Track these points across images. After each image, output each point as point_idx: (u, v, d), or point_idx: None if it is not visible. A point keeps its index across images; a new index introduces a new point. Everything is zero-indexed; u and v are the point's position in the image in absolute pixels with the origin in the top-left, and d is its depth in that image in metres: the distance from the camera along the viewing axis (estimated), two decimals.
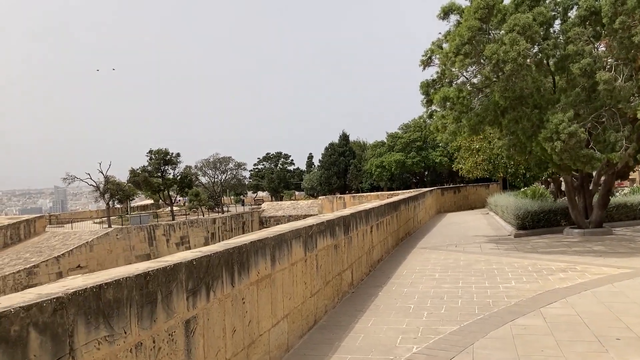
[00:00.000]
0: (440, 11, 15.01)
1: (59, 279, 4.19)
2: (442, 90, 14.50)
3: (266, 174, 76.38)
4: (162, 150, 48.34)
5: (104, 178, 42.19)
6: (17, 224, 39.43)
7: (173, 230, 44.57)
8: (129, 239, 39.92)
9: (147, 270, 3.64)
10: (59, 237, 38.78)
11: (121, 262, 38.89)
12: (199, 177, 58.22)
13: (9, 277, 31.97)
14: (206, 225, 49.04)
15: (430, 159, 62.75)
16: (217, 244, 5.20)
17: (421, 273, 11.51)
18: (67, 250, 35.34)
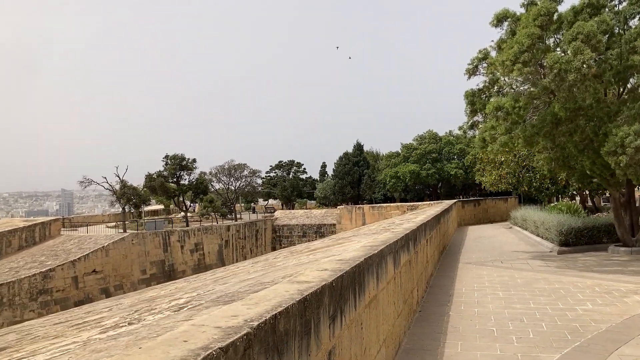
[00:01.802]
0: (493, 18, 14.47)
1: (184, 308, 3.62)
2: (495, 100, 13.92)
3: (279, 182, 75.80)
4: (178, 155, 47.87)
5: (120, 182, 41.75)
6: (32, 227, 38.97)
7: (188, 237, 44.01)
8: (144, 245, 39.39)
9: (303, 294, 3.07)
10: (75, 241, 38.29)
11: (136, 267, 38.39)
12: (213, 183, 57.74)
13: (24, 280, 31.46)
14: (220, 232, 48.48)
15: (445, 170, 62.14)
16: (333, 261, 4.63)
17: (482, 291, 10.89)
18: (83, 255, 34.83)
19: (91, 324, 3.85)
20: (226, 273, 7.76)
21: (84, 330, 3.53)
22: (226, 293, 3.49)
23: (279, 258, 8.17)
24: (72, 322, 5.29)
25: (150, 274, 39.30)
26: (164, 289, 8.11)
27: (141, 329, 2.57)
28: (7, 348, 3.81)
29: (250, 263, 9.40)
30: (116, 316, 3.89)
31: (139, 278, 38.28)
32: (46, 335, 4.40)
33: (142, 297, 7.32)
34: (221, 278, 6.91)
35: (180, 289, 6.89)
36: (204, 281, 7.19)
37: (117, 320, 3.57)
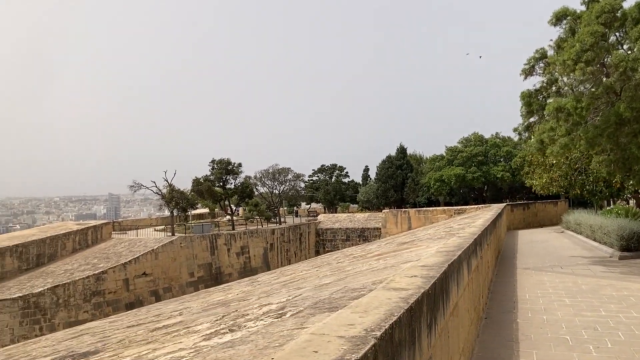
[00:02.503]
0: (552, 17, 14.04)
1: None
2: (555, 100, 13.49)
3: (321, 185, 75.84)
4: (224, 160, 48.47)
5: (169, 186, 42.53)
6: (85, 230, 40.10)
7: (234, 240, 44.46)
8: (192, 248, 39.98)
9: (408, 302, 2.96)
10: (125, 244, 39.18)
11: (184, 270, 38.99)
12: (258, 187, 58.21)
13: (78, 282, 32.35)
14: (265, 235, 48.81)
15: (492, 173, 60.97)
16: (417, 267, 4.50)
17: (546, 298, 10.53)
18: (134, 257, 35.58)
19: (179, 329, 3.83)
20: (292, 277, 7.71)
21: (175, 335, 3.50)
22: (321, 299, 3.41)
23: (343, 262, 8.08)
24: (149, 326, 5.32)
25: (198, 276, 39.84)
26: (229, 292, 8.12)
27: (253, 337, 2.51)
28: (99, 352, 3.83)
29: (311, 267, 9.33)
30: (206, 322, 3.86)
31: (187, 281, 38.86)
32: (129, 338, 4.42)
33: (210, 299, 7.34)
34: (290, 282, 6.86)
35: (248, 292, 6.86)
36: (271, 285, 7.16)
37: (209, 325, 3.54)
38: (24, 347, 7.33)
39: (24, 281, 33.08)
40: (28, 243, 36.11)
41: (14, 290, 31.34)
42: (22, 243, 35.78)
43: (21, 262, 35.20)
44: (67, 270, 34.58)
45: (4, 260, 34.18)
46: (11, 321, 29.79)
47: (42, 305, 30.69)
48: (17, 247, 35.18)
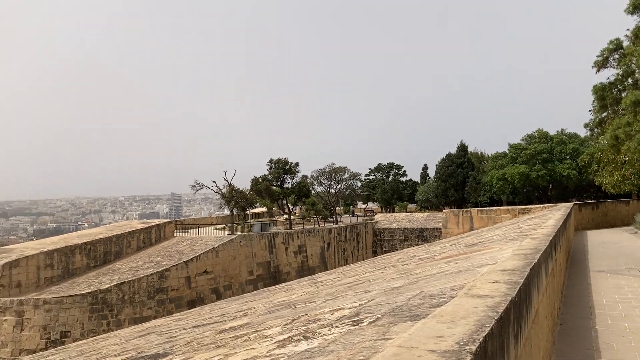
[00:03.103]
0: (629, 5, 13.26)
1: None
2: (632, 93, 12.70)
3: (378, 184, 75.24)
4: (281, 159, 48.89)
5: (229, 186, 43.26)
6: (149, 229, 41.35)
7: (292, 239, 44.72)
8: (251, 246, 40.48)
9: (497, 311, 2.71)
10: (187, 242, 40.10)
11: (243, 268, 39.51)
12: (314, 186, 58.37)
13: (143, 279, 33.32)
14: (322, 235, 48.85)
15: (557, 171, 58.70)
16: (496, 271, 4.21)
17: (626, 303, 9.89)
18: (195, 256, 36.34)
19: (248, 333, 3.72)
20: (356, 279, 7.53)
21: (246, 340, 3.39)
22: (398, 306, 3.20)
23: (409, 264, 7.82)
24: (215, 327, 5.25)
25: (257, 275, 40.29)
26: (291, 292, 8.01)
27: (332, 346, 2.34)
28: (168, 355, 3.77)
29: (374, 268, 9.12)
30: (275, 325, 3.73)
31: (246, 279, 39.37)
32: (197, 340, 4.35)
33: (273, 300, 7.25)
34: (355, 284, 6.68)
35: (312, 294, 6.73)
36: (335, 287, 7.00)
37: (279, 330, 3.40)
38: (94, 344, 7.46)
39: (92, 278, 34.39)
40: (96, 241, 37.55)
41: (83, 287, 32.63)
42: (91, 241, 37.24)
43: (89, 260, 36.62)
44: (132, 268, 35.70)
45: (74, 257, 35.65)
46: (81, 316, 31.01)
47: (109, 301, 31.80)
48: (85, 245, 36.62)
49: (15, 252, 34.51)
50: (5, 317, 30.82)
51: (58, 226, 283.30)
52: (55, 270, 34.43)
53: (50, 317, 30.71)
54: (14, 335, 30.54)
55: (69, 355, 6.53)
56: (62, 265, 34.82)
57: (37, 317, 30.70)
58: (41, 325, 30.62)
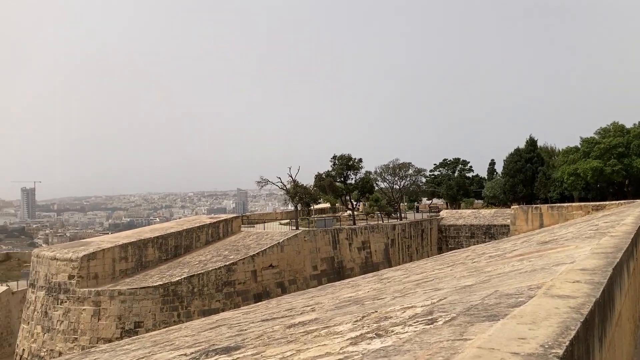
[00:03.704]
0: None
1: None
2: None
3: (443, 180, 73.90)
4: (345, 155, 48.91)
5: (293, 182, 43.74)
6: (217, 223, 42.43)
7: (355, 235, 44.70)
8: (315, 242, 40.78)
9: (581, 313, 2.57)
10: (253, 237, 40.88)
11: (307, 263, 39.86)
12: (378, 182, 58.03)
13: (211, 272, 34.25)
14: (386, 231, 48.54)
15: (634, 166, 55.69)
16: (575, 270, 4.02)
17: None
18: (261, 250, 37.00)
19: (319, 328, 3.72)
20: (424, 276, 7.41)
21: (317, 336, 3.39)
22: (473, 305, 3.11)
23: (479, 262, 7.62)
24: (284, 322, 5.30)
25: (321, 270, 40.55)
26: (358, 289, 7.99)
27: (407, 345, 2.29)
28: (240, 348, 3.83)
29: (442, 265, 8.95)
30: (345, 321, 3.71)
31: (310, 274, 39.70)
32: (267, 334, 4.40)
33: (340, 296, 7.25)
34: (423, 281, 6.58)
35: (380, 290, 6.67)
36: (402, 284, 6.91)
37: (350, 326, 3.38)
38: (167, 335, 7.71)
39: (164, 270, 35.66)
40: (167, 235, 38.90)
41: (155, 279, 33.90)
42: (162, 235, 38.61)
43: (161, 253, 38.00)
44: (201, 261, 36.76)
45: (147, 250, 37.10)
46: (153, 307, 32.25)
47: (179, 293, 32.89)
48: (157, 239, 38.02)
49: (92, 245, 36.30)
50: (84, 307, 32.49)
51: (131, 220, 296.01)
52: (129, 263, 35.95)
53: (124, 308, 32.12)
54: (92, 324, 32.14)
55: (144, 345, 6.77)
56: (135, 258, 36.31)
57: (112, 307, 32.18)
58: (116, 315, 32.08)
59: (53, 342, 32.76)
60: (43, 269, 35.21)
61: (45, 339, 33.29)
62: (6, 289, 48.30)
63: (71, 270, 33.50)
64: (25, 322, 36.18)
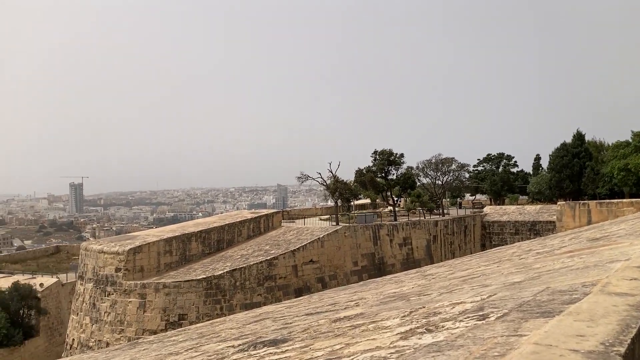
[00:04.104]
0: None
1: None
2: None
3: (487, 176, 72.52)
4: (386, 150, 48.56)
5: (333, 177, 43.73)
6: (258, 218, 42.90)
7: (396, 231, 44.41)
8: (355, 237, 40.72)
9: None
10: (293, 232, 41.12)
11: (348, 259, 39.85)
12: (420, 177, 57.40)
13: (253, 266, 34.64)
14: (428, 227, 48.06)
15: None
16: (631, 268, 3.89)
17: None
18: (301, 245, 37.19)
19: (365, 323, 3.71)
20: (469, 272, 7.30)
21: (364, 330, 3.38)
22: (525, 301, 3.04)
23: (527, 259, 7.46)
24: (329, 316, 5.31)
25: (362, 265, 40.47)
26: (401, 284, 7.94)
27: (460, 340, 2.27)
28: (287, 341, 3.86)
29: (488, 262, 8.79)
30: (392, 316, 3.70)
31: (350, 269, 39.68)
32: (313, 328, 4.42)
33: (383, 291, 7.22)
34: (469, 277, 6.48)
35: (424, 286, 6.62)
36: (448, 280, 6.83)
37: (399, 321, 3.36)
38: (212, 327, 7.84)
39: (207, 264, 36.28)
40: (210, 229, 39.55)
41: (198, 272, 34.53)
42: (205, 229, 39.27)
43: (204, 247, 38.66)
44: (242, 255, 37.23)
45: (190, 244, 37.81)
46: (196, 300, 32.86)
47: (222, 286, 33.40)
48: (201, 233, 38.70)
49: (138, 239, 37.22)
50: (130, 299, 33.37)
51: (175, 215, 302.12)
52: (173, 257, 36.72)
53: (169, 300, 32.84)
54: (138, 316, 32.99)
55: (191, 337, 6.90)
56: (179, 252, 37.06)
57: (157, 300, 32.94)
58: (161, 308, 32.83)
59: (101, 332, 33.79)
60: (91, 262, 36.32)
61: (93, 329, 34.37)
62: (56, 281, 50.10)
63: (118, 263, 34.44)
64: (74, 313, 37.44)
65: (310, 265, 37.28)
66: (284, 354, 3.13)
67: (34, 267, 63.15)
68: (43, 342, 45.73)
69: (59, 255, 74.78)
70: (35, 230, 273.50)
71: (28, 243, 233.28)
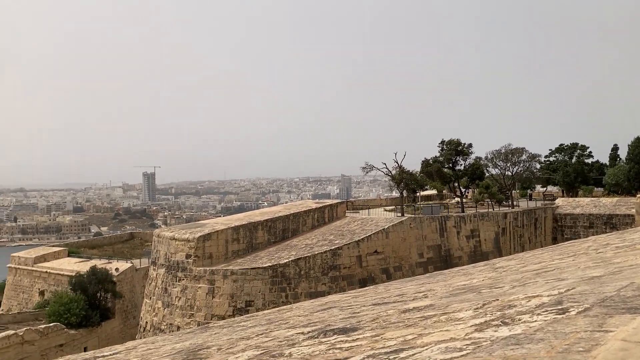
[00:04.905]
0: None
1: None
2: None
3: (559, 166, 69.66)
4: (454, 140, 47.55)
5: (399, 168, 43.30)
6: (323, 208, 43.20)
7: (464, 223, 43.52)
8: (421, 229, 40.23)
9: None
10: (358, 222, 41.13)
11: (413, 250, 39.46)
12: (489, 168, 55.85)
13: (317, 256, 34.96)
14: (497, 219, 46.79)
15: None
16: None
17: None
18: (366, 236, 37.14)
19: (437, 314, 3.67)
20: (542, 265, 7.06)
21: (436, 321, 3.34)
22: (608, 296, 2.91)
23: (605, 253, 7.12)
24: (397, 307, 5.28)
25: (427, 257, 39.98)
26: (471, 277, 7.78)
27: (539, 334, 2.19)
28: (357, 330, 3.87)
29: (562, 255, 8.47)
30: (464, 308, 3.63)
31: (416, 261, 39.28)
32: (382, 318, 4.41)
33: (452, 283, 7.10)
34: (542, 271, 6.27)
35: (495, 279, 6.45)
36: (520, 273, 6.63)
37: (472, 313, 3.30)
38: (280, 314, 7.98)
39: (273, 252, 36.92)
40: (275, 219, 40.20)
41: (264, 260, 35.21)
42: (271, 218, 39.96)
43: (270, 235, 39.36)
44: (307, 245, 37.62)
45: (257, 233, 38.59)
46: (263, 287, 33.55)
47: (287, 275, 33.93)
48: (267, 222, 39.41)
49: (207, 227, 38.35)
50: (199, 285, 34.50)
51: (242, 204, 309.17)
52: (240, 244, 37.60)
53: (236, 287, 33.71)
54: (207, 301, 34.06)
55: (259, 323, 7.05)
56: (246, 240, 37.91)
57: (225, 286, 33.88)
58: (229, 294, 33.75)
59: (172, 316, 35.14)
60: (163, 248, 37.76)
61: (165, 313, 35.79)
62: (130, 266, 52.45)
63: (188, 250, 35.64)
64: (147, 297, 39.11)
65: (374, 256, 37.20)
66: (355, 342, 3.14)
67: (110, 252, 66.38)
68: (118, 324, 48.06)
69: (133, 242, 78.25)
70: (111, 217, 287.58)
71: (104, 229, 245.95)
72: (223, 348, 4.51)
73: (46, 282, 54.15)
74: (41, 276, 54.76)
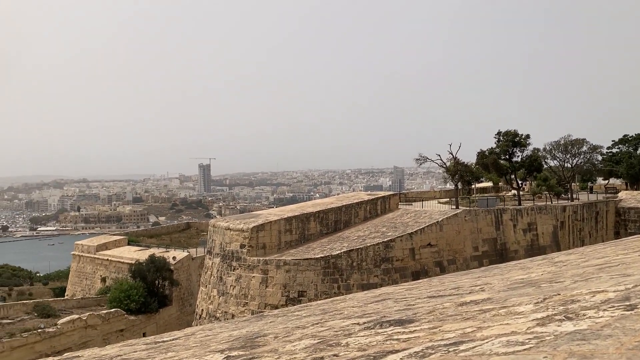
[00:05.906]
0: None
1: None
2: None
3: (623, 158, 66.72)
4: (511, 131, 46.29)
5: (454, 159, 42.58)
6: (375, 200, 43.00)
7: (520, 216, 42.41)
8: (476, 222, 39.47)
9: None
10: (411, 215, 40.73)
11: (468, 244, 38.79)
12: (547, 160, 54.14)
13: (369, 248, 34.89)
14: (555, 212, 45.36)
15: None
16: None
17: None
18: (419, 228, 36.75)
19: (495, 308, 3.61)
20: (605, 260, 6.81)
21: (495, 315, 3.29)
22: None
23: None
24: (453, 300, 5.22)
25: (482, 251, 39.22)
26: (529, 271, 7.60)
27: (607, 330, 2.13)
28: (414, 322, 3.86)
29: (625, 250, 8.14)
30: (524, 302, 3.56)
31: (470, 254, 38.61)
32: (439, 310, 4.37)
33: (509, 277, 6.96)
34: (606, 265, 6.05)
35: (555, 274, 6.28)
36: (581, 268, 6.42)
37: (532, 307, 3.23)
38: (334, 305, 8.03)
39: (325, 243, 37.10)
40: (327, 210, 40.34)
41: (317, 251, 35.44)
42: (323, 210, 40.13)
43: (322, 227, 39.54)
44: (359, 237, 37.59)
45: (309, 224, 38.85)
46: (315, 278, 33.81)
47: (339, 266, 34.04)
48: (319, 214, 39.61)
49: (261, 218, 38.91)
50: (253, 274, 35.10)
51: (294, 195, 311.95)
52: (293, 235, 37.97)
53: (289, 277, 34.10)
54: (260, 290, 34.63)
55: (314, 313, 7.12)
56: (299, 231, 38.24)
57: (278, 276, 34.33)
58: (282, 284, 34.18)
59: (227, 305, 35.93)
60: (218, 238, 38.60)
61: (220, 301, 36.63)
62: (187, 255, 53.92)
63: (242, 240, 36.28)
64: (203, 285, 40.13)
65: (428, 249, 36.79)
66: (413, 333, 3.13)
67: (167, 241, 68.46)
68: (175, 311, 49.56)
69: (189, 231, 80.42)
70: (168, 207, 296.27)
71: (162, 219, 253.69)
72: (280, 336, 4.59)
73: (107, 269, 56.45)
74: (103, 263, 57.13)
